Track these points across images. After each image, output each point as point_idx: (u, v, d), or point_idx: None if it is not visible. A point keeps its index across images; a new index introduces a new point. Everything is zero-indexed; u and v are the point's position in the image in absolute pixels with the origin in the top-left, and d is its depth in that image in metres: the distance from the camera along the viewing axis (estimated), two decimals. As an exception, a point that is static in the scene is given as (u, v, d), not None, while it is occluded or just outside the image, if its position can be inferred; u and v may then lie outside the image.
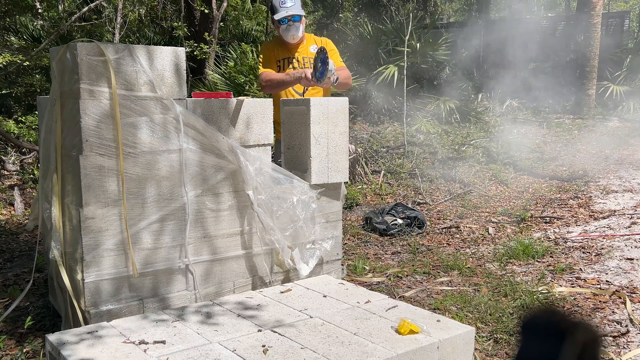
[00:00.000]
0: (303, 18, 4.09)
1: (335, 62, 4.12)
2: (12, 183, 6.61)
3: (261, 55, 4.25)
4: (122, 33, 8.65)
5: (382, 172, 7.64)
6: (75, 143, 2.83)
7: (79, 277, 2.84)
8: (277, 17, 4.05)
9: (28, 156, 7.21)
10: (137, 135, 2.89)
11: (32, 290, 3.78)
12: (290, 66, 4.17)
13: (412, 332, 2.59)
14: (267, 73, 4.12)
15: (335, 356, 2.39)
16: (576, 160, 8.61)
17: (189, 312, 2.88)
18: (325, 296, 3.13)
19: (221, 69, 9.09)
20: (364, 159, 7.73)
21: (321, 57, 3.67)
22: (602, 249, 4.82)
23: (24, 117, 8.53)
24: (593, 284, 4.05)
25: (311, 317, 2.81)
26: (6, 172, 6.86)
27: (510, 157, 8.24)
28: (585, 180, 7.47)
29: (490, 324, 3.37)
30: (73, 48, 2.75)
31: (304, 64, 4.16)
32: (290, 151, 3.65)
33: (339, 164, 3.59)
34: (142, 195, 2.93)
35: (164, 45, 3.94)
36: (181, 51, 3.05)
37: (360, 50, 11.70)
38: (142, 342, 2.50)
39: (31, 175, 6.70)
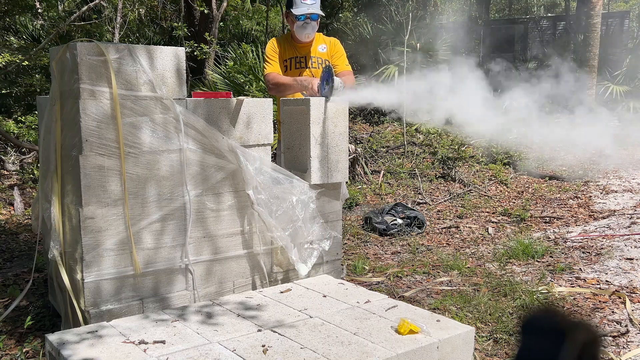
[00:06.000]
0: (319, 18, 3.98)
1: (342, 65, 4.09)
2: (12, 183, 6.61)
3: (271, 53, 4.08)
4: (121, 33, 8.65)
5: (382, 172, 7.64)
6: (75, 143, 2.83)
7: (78, 277, 2.85)
8: (296, 12, 3.90)
9: (28, 156, 7.20)
10: (137, 135, 2.89)
11: (32, 290, 3.78)
12: (299, 65, 4.10)
13: (412, 332, 2.59)
14: (275, 75, 4.01)
15: (335, 356, 2.39)
16: (576, 161, 8.61)
17: (189, 312, 2.88)
18: (325, 296, 3.13)
19: (221, 69, 9.09)
20: (363, 159, 7.72)
21: (326, 77, 3.55)
22: (602, 248, 4.82)
23: (23, 117, 8.52)
24: (593, 284, 4.05)
25: (311, 317, 2.81)
26: (6, 172, 6.87)
27: (510, 157, 8.24)
28: (585, 180, 7.48)
29: (490, 324, 3.37)
30: (73, 48, 2.75)
31: (311, 64, 4.10)
32: (290, 151, 3.65)
33: (339, 164, 3.59)
34: (142, 195, 2.94)
35: (163, 45, 3.94)
36: (181, 51, 3.06)
37: (360, 50, 11.70)
38: (142, 342, 2.50)
39: (31, 175, 6.70)
